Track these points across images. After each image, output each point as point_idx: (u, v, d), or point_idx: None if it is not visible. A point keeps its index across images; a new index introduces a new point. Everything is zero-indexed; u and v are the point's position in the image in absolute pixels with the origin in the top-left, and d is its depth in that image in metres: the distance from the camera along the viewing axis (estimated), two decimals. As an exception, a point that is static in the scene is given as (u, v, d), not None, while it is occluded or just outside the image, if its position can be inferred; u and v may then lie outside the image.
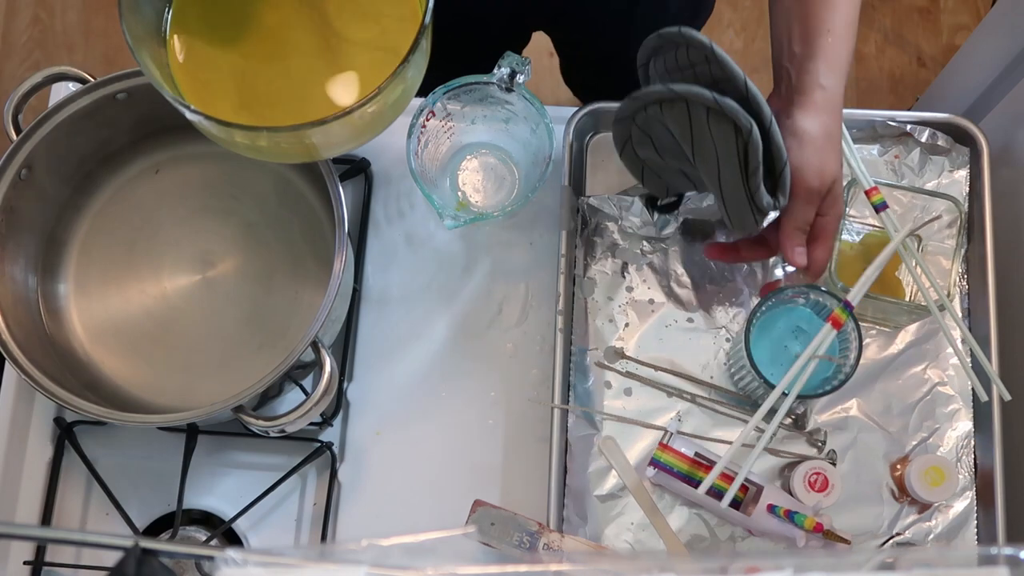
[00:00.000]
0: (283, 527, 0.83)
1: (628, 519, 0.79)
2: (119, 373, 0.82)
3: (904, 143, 0.86)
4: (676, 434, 0.78)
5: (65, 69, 0.80)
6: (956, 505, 0.80)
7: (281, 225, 0.85)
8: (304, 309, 0.82)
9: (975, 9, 1.74)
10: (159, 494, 0.83)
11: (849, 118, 0.85)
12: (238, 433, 0.83)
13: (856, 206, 0.82)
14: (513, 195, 0.87)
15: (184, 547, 0.43)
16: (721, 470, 0.75)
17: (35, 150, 0.78)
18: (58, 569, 0.82)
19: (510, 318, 0.87)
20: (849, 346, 0.75)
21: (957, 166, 0.86)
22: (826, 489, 0.77)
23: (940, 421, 0.82)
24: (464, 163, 0.88)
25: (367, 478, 0.84)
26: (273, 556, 0.39)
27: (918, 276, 0.76)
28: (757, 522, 0.75)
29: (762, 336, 0.78)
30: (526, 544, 0.72)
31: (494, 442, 0.84)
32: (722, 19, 1.74)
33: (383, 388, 0.86)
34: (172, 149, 0.87)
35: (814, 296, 0.76)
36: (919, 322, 0.83)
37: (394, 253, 0.89)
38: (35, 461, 0.84)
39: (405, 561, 0.39)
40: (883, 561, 0.42)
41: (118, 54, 1.72)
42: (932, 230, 0.81)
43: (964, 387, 0.82)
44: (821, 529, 0.73)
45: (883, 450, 0.81)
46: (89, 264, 0.84)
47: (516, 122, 0.83)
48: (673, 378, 0.83)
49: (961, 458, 0.81)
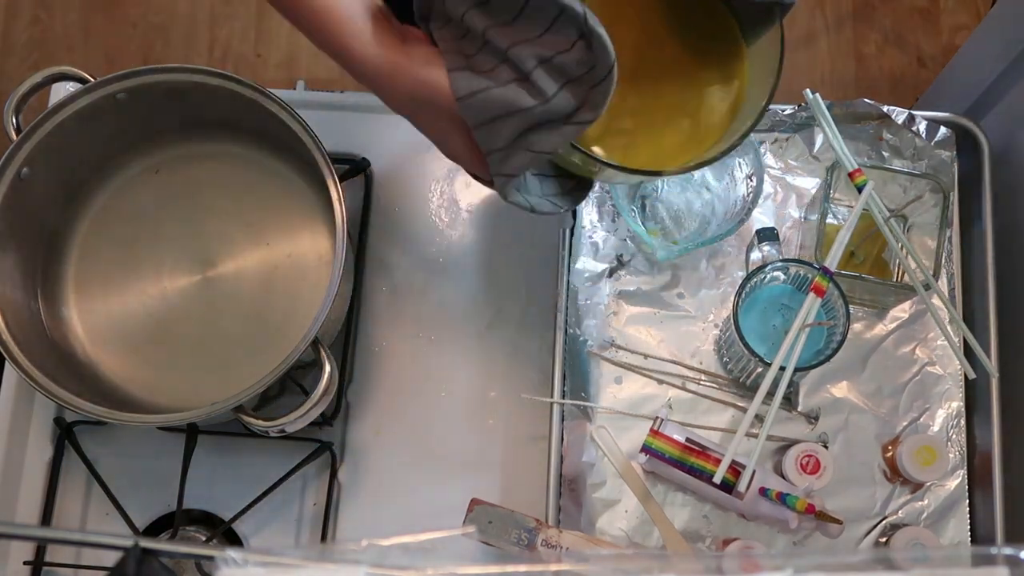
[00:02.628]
0: (283, 527, 0.83)
1: (623, 507, 0.80)
2: (119, 373, 0.82)
3: (887, 125, 0.87)
4: (667, 420, 0.78)
5: (65, 69, 0.80)
6: (948, 484, 0.80)
7: (281, 225, 0.85)
8: (304, 309, 0.82)
9: (975, 9, 1.74)
10: (159, 494, 0.83)
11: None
12: (238, 433, 0.83)
13: (840, 189, 0.83)
14: (714, 218, 0.84)
15: (184, 547, 0.43)
16: (729, 461, 0.75)
17: (35, 150, 0.78)
18: (58, 569, 0.82)
19: (510, 318, 0.87)
20: (837, 312, 0.76)
21: (942, 147, 0.86)
22: (818, 471, 0.77)
23: (930, 401, 0.82)
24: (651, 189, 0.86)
25: (367, 478, 0.84)
26: (273, 556, 0.39)
27: (903, 256, 0.77)
28: (749, 505, 0.76)
29: (749, 318, 0.78)
30: (524, 541, 0.72)
31: (494, 442, 0.84)
32: (722, 19, 1.74)
33: (383, 388, 0.86)
34: (172, 149, 0.87)
35: (793, 269, 0.77)
36: (907, 303, 0.84)
37: (394, 253, 0.89)
38: (35, 461, 0.84)
39: (405, 561, 0.39)
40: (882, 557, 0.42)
41: (118, 54, 1.72)
42: (919, 211, 0.82)
43: (953, 366, 0.83)
44: (813, 511, 0.74)
45: (874, 431, 0.81)
46: (89, 264, 0.84)
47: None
48: (663, 365, 0.83)
49: (952, 437, 0.81)
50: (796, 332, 0.74)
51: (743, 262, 0.85)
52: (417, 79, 0.61)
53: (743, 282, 0.77)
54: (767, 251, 0.81)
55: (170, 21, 1.73)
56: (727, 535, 0.79)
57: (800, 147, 0.88)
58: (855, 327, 0.83)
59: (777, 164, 0.87)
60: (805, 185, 0.87)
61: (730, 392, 0.83)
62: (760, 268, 0.77)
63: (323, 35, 0.61)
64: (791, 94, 0.84)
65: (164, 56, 1.70)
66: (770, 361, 0.74)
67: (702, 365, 0.83)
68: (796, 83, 1.69)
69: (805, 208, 0.86)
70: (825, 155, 0.87)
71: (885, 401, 0.82)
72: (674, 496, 0.80)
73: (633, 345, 0.83)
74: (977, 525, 0.80)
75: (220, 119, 0.84)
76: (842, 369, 0.82)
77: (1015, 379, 0.83)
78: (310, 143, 0.77)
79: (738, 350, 0.77)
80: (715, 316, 0.84)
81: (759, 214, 0.86)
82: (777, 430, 0.81)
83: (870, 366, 0.83)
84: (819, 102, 0.79)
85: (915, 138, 0.86)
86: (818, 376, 0.82)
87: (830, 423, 0.81)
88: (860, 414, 0.82)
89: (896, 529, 0.79)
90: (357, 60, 0.61)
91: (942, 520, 0.79)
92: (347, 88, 0.92)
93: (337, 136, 0.89)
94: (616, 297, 0.84)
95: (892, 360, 0.83)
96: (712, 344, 0.84)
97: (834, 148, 0.78)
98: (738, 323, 0.76)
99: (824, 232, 0.80)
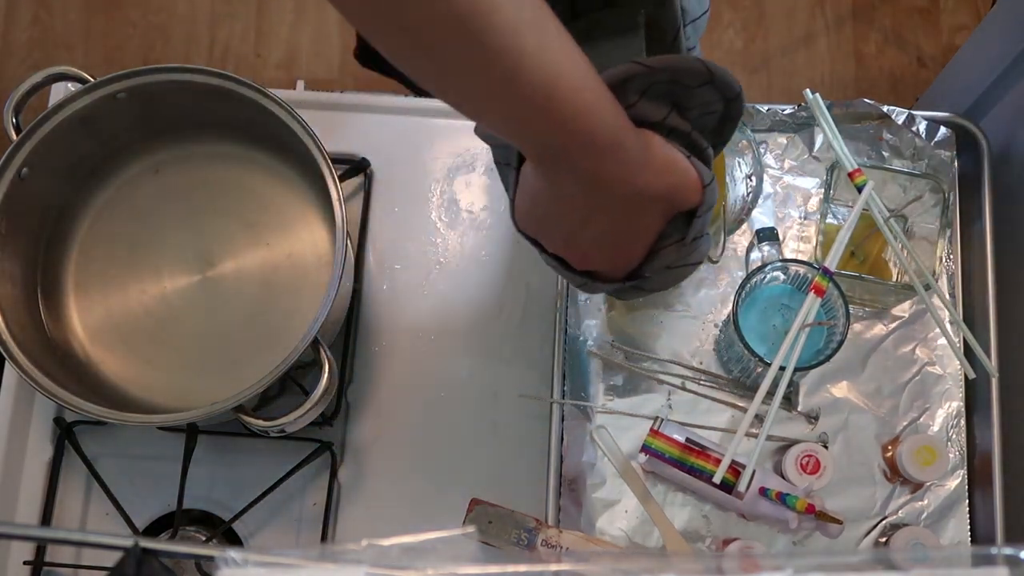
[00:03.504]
0: (283, 527, 0.83)
1: (623, 507, 0.79)
2: (119, 373, 0.82)
3: (887, 125, 0.87)
4: (667, 420, 0.78)
5: (65, 69, 0.80)
6: (948, 484, 0.80)
7: (281, 225, 0.85)
8: (304, 309, 0.82)
9: (975, 9, 1.74)
10: (159, 494, 0.83)
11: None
12: (238, 433, 0.83)
13: (840, 189, 0.83)
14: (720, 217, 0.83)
15: (184, 547, 0.43)
16: (729, 461, 0.75)
17: (35, 150, 0.78)
18: (58, 569, 0.82)
19: (510, 318, 0.87)
20: (836, 312, 0.76)
21: (942, 147, 0.86)
22: (818, 471, 0.77)
23: (930, 401, 0.82)
24: None
25: (367, 478, 0.84)
26: (273, 556, 0.39)
27: (903, 256, 0.77)
28: (749, 505, 0.76)
29: (749, 318, 0.78)
30: (524, 541, 0.72)
31: (494, 441, 0.84)
32: (722, 19, 1.74)
33: (383, 388, 0.86)
34: (172, 149, 0.87)
35: (792, 269, 0.77)
36: (907, 303, 0.84)
37: (394, 253, 0.89)
38: (35, 461, 0.84)
39: (405, 561, 0.39)
40: (882, 557, 0.42)
41: (118, 54, 1.72)
42: (919, 211, 0.82)
43: (953, 366, 0.83)
44: (813, 510, 0.74)
45: (874, 431, 0.81)
46: (89, 264, 0.84)
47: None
48: (663, 365, 0.83)
49: (952, 437, 0.81)
50: (796, 332, 0.74)
51: (743, 262, 0.85)
52: (669, 156, 0.57)
53: (743, 282, 0.77)
54: (767, 251, 0.81)
55: (170, 21, 1.73)
56: (727, 535, 0.79)
57: (800, 147, 0.88)
58: (855, 327, 0.83)
59: (777, 164, 0.87)
60: (805, 185, 0.87)
61: (730, 392, 0.83)
62: (760, 268, 0.77)
63: (547, 112, 0.50)
64: (791, 94, 0.84)
65: (164, 56, 1.70)
66: (770, 361, 0.74)
67: (702, 365, 0.83)
68: (796, 83, 1.69)
69: (806, 208, 0.86)
70: (825, 155, 0.87)
71: (885, 401, 0.82)
72: (674, 496, 0.80)
73: (633, 345, 0.83)
74: (977, 525, 0.80)
75: (220, 119, 0.84)
76: (842, 369, 0.82)
77: (1015, 379, 0.83)
78: (310, 143, 0.77)
79: (738, 350, 0.77)
80: (715, 316, 0.84)
81: (759, 214, 0.86)
82: (777, 430, 0.81)
83: (870, 366, 0.83)
84: (819, 102, 0.79)
85: (915, 138, 0.86)
86: (818, 376, 0.82)
87: (830, 423, 0.81)
88: (860, 414, 0.82)
89: (896, 529, 0.79)
90: (591, 131, 0.52)
91: (942, 520, 0.79)
92: (347, 88, 0.92)
93: (337, 136, 0.89)
94: (615, 297, 0.84)
95: (892, 360, 0.83)
96: (712, 344, 0.84)
97: (834, 148, 0.78)
98: (738, 323, 0.76)
99: (824, 232, 0.80)
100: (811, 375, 0.82)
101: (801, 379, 0.82)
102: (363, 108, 0.92)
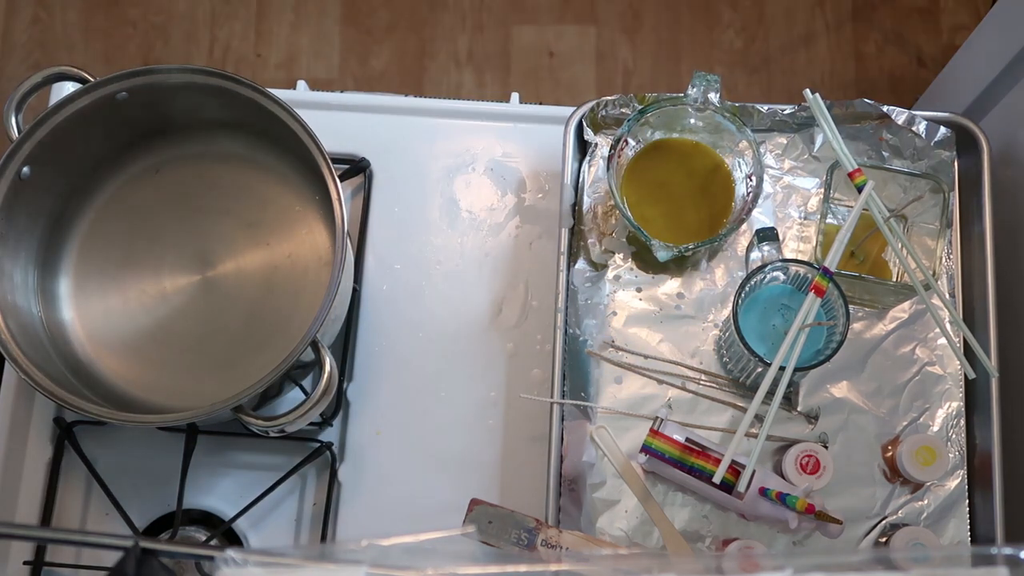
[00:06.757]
0: (283, 527, 0.83)
1: (623, 507, 0.79)
2: (119, 373, 0.82)
3: (887, 125, 0.87)
4: (667, 420, 0.78)
5: (65, 69, 0.80)
6: (948, 484, 0.80)
7: (281, 225, 0.85)
8: (304, 309, 0.82)
9: (975, 9, 1.74)
10: (159, 494, 0.83)
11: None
12: (238, 433, 0.83)
13: (840, 189, 0.83)
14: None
15: (184, 547, 0.43)
16: (729, 461, 0.75)
17: (35, 150, 0.78)
18: (58, 569, 0.82)
19: (510, 318, 0.87)
20: (836, 312, 0.76)
21: (942, 147, 0.86)
22: (818, 471, 0.77)
23: (930, 401, 0.82)
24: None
25: (367, 478, 0.84)
26: (273, 556, 0.39)
27: (903, 256, 0.77)
28: (749, 505, 0.76)
29: (749, 318, 0.79)
30: (524, 541, 0.72)
31: (494, 442, 0.84)
32: (722, 19, 1.74)
33: (383, 388, 0.86)
34: (172, 149, 0.87)
35: (793, 269, 0.77)
36: (907, 303, 0.84)
37: (394, 253, 0.89)
38: (35, 461, 0.84)
39: (405, 561, 0.39)
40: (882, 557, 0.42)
41: (118, 54, 1.72)
42: (919, 211, 0.82)
43: (953, 366, 0.83)
44: (813, 510, 0.74)
45: (874, 431, 0.81)
46: (89, 264, 0.84)
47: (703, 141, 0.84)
48: (663, 365, 0.83)
49: (952, 437, 0.81)
50: (796, 332, 0.74)
51: (743, 262, 0.85)
52: None
53: (743, 282, 0.77)
54: (767, 251, 0.81)
55: (170, 21, 1.73)
56: (727, 535, 0.79)
57: (800, 147, 0.88)
58: (855, 327, 0.83)
59: (777, 164, 0.87)
60: (805, 185, 0.87)
61: (730, 392, 0.83)
62: (760, 268, 0.77)
63: None
64: (791, 94, 0.84)
65: (164, 56, 1.70)
66: (770, 361, 0.74)
67: (702, 365, 0.83)
68: (796, 83, 1.69)
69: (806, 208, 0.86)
70: (825, 155, 0.87)
71: (885, 401, 0.82)
72: (674, 496, 0.80)
73: (633, 345, 0.83)
74: (977, 525, 0.80)
75: (220, 119, 0.84)
76: (842, 369, 0.82)
77: (1015, 379, 0.84)
78: (310, 143, 0.77)
79: (738, 350, 0.77)
80: (715, 316, 0.84)
81: (759, 214, 0.86)
82: (777, 430, 0.81)
83: (870, 366, 0.83)
84: (819, 102, 0.79)
85: (915, 138, 0.86)
86: (818, 376, 0.82)
87: (830, 423, 0.81)
88: (860, 414, 0.82)
89: (896, 529, 0.79)
90: None
91: (942, 520, 0.79)
92: (347, 88, 0.92)
93: (337, 136, 0.89)
94: (616, 297, 0.84)
95: (892, 360, 0.83)
96: (712, 344, 0.84)
97: (834, 148, 0.78)
98: (738, 323, 0.76)
99: (824, 232, 0.80)
100: (811, 375, 0.82)
101: (801, 379, 0.82)
102: (363, 108, 0.92)
